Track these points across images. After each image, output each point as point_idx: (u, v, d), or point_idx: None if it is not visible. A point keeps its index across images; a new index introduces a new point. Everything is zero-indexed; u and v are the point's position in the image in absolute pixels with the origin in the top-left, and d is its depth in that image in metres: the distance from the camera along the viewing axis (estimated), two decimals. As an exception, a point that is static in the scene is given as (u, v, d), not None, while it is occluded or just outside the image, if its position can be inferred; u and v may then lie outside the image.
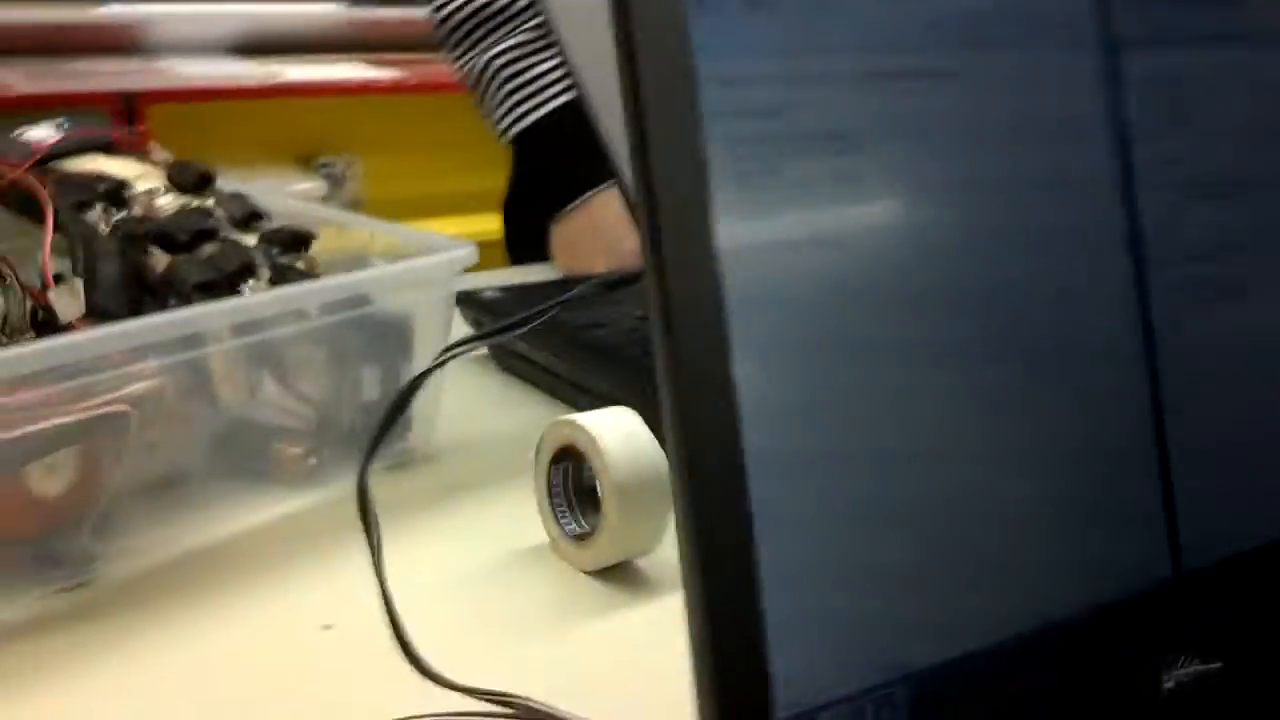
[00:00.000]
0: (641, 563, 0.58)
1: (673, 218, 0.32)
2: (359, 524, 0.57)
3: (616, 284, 0.44)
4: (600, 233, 0.96)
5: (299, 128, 2.46)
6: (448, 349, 0.43)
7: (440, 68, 1.05)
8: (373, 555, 0.46)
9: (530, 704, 0.44)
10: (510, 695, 0.45)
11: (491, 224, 1.27)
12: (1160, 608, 0.40)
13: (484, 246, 1.24)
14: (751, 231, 0.32)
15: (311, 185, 2.25)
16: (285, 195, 0.76)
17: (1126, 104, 0.40)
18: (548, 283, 0.90)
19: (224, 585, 0.57)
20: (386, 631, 0.50)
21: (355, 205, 2.38)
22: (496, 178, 1.27)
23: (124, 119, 1.93)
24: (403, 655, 0.49)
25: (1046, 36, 0.39)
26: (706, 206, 0.32)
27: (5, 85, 1.77)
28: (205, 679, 0.50)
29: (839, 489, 0.33)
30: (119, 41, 2.20)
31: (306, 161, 2.49)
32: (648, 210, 0.31)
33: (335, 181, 2.47)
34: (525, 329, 0.42)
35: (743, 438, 0.31)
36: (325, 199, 2.31)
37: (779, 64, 0.34)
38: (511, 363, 0.80)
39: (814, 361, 0.33)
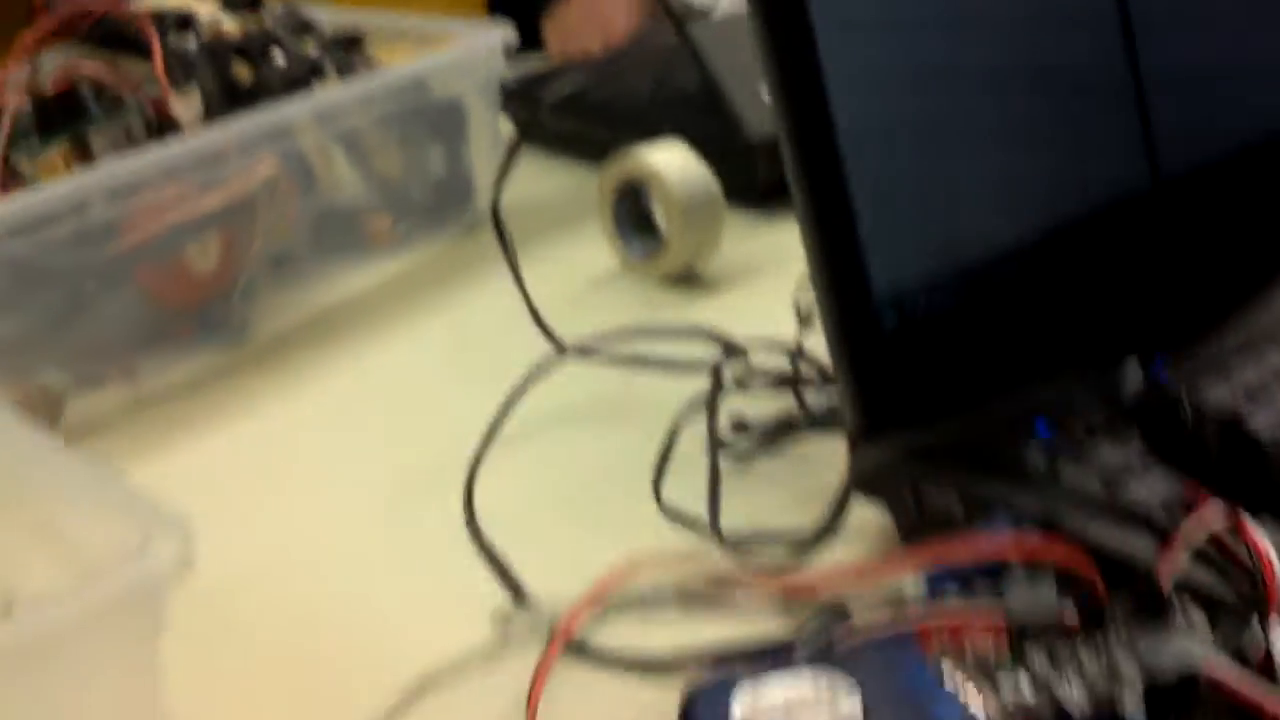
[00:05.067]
0: (702, 270, 0.69)
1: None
2: (450, 275, 0.69)
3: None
4: (595, 13, 1.05)
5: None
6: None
7: None
8: (510, 264, 0.57)
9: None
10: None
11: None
12: (1145, 207, 0.52)
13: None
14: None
15: None
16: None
17: None
18: (565, 65, 0.99)
19: (354, 335, 0.68)
20: (522, 318, 0.60)
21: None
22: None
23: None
24: (537, 327, 0.59)
25: None
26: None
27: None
28: (353, 405, 0.61)
29: (906, 111, 0.44)
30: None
31: None
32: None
33: None
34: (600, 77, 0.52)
35: (826, 81, 0.42)
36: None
37: None
38: (536, 136, 0.89)
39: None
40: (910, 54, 0.46)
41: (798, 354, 0.53)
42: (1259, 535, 0.28)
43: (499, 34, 0.76)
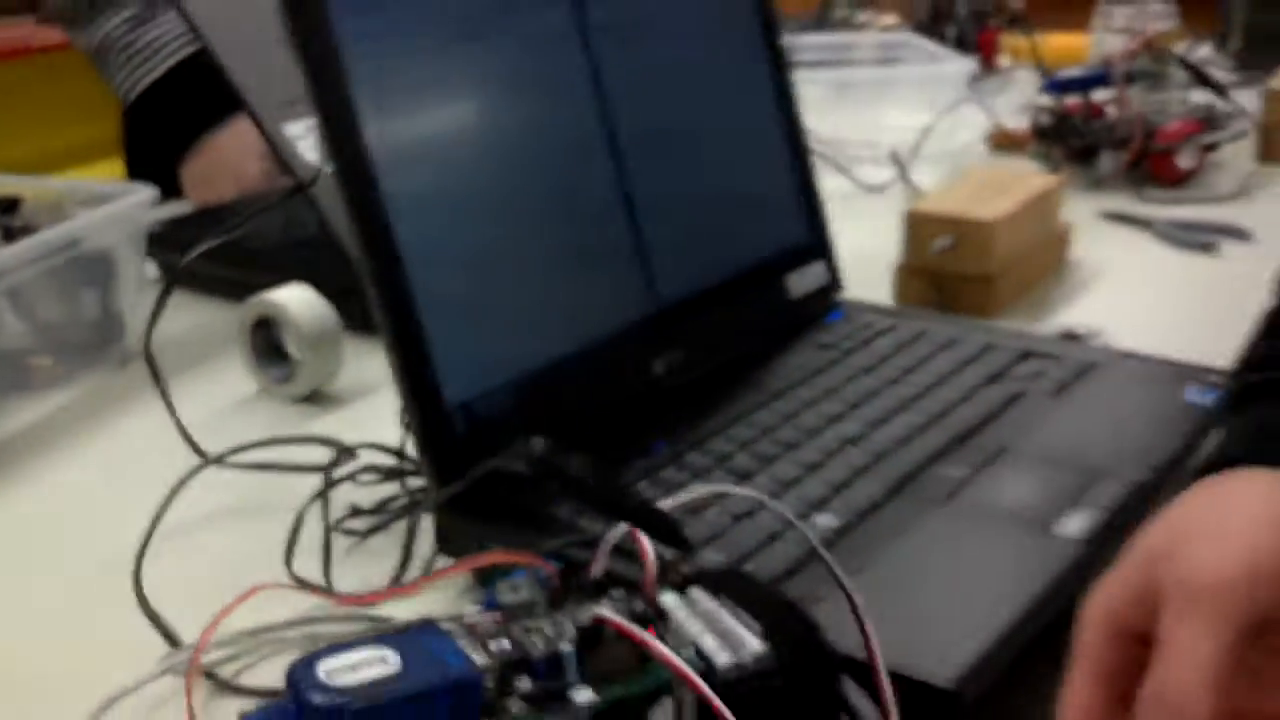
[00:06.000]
0: (329, 388, 0.84)
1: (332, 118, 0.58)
2: (111, 405, 0.80)
3: (294, 191, 0.69)
4: (226, 165, 1.18)
5: None
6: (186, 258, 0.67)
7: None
8: (163, 393, 0.70)
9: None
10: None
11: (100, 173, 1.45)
12: (649, 328, 0.70)
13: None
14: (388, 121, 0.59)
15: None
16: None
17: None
18: (202, 212, 1.12)
19: (30, 462, 0.78)
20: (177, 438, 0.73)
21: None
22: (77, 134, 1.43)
23: None
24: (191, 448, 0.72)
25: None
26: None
27: None
28: (34, 519, 0.72)
29: (461, 274, 0.60)
30: None
31: None
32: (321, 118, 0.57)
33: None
34: (240, 231, 0.67)
35: (398, 239, 0.58)
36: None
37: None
38: (182, 278, 1.02)
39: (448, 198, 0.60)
40: (463, 232, 0.62)
41: (401, 452, 0.68)
42: (644, 541, 0.45)
43: (143, 194, 0.89)
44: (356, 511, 0.65)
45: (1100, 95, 1.23)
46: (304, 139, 0.93)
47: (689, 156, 0.75)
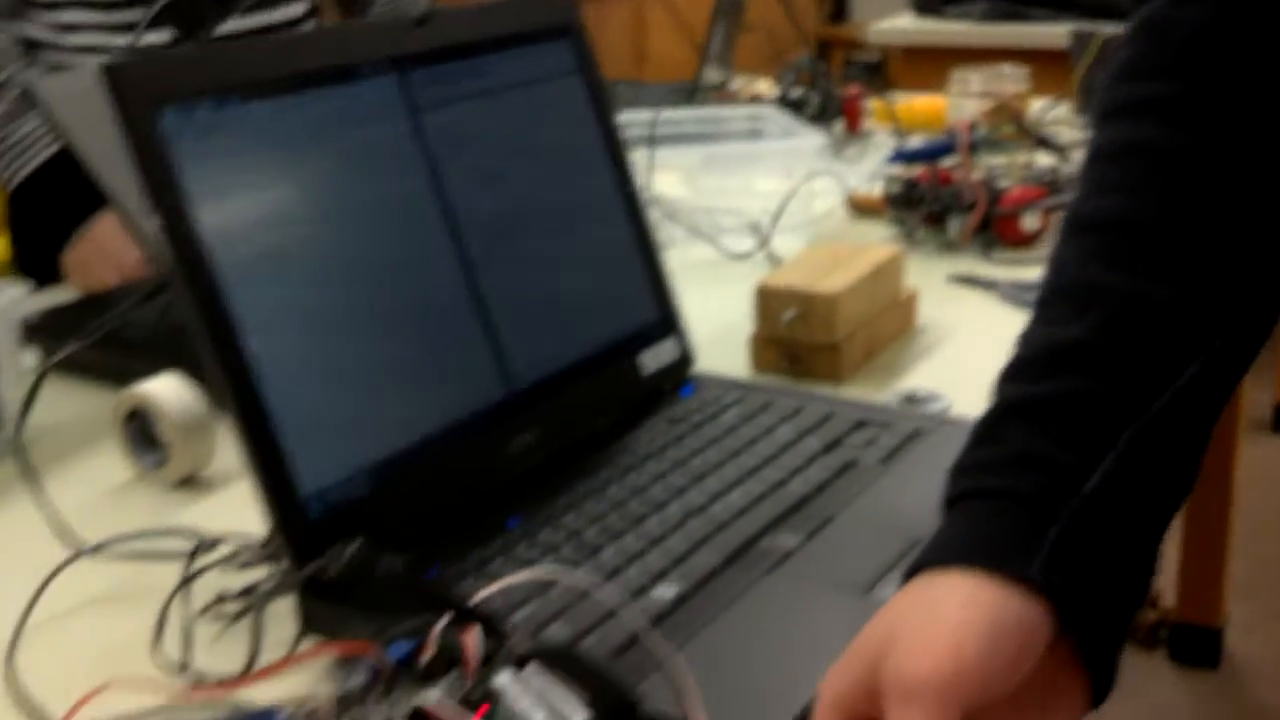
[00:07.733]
0: (204, 473, 0.86)
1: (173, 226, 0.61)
2: None
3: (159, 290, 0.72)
4: (106, 252, 1.20)
5: None
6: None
7: None
8: (36, 485, 0.72)
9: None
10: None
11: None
12: (503, 410, 0.74)
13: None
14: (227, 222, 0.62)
15: None
16: None
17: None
18: (84, 300, 1.14)
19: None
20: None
21: None
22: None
23: None
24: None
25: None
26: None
27: None
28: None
29: (311, 371, 0.64)
30: None
31: None
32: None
33: None
34: (116, 322, 0.69)
35: (246, 341, 0.61)
36: None
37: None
38: (63, 364, 1.04)
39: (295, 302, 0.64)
40: (312, 330, 0.66)
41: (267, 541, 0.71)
42: (468, 636, 0.49)
43: (12, 293, 0.91)
44: (222, 598, 0.68)
45: (950, 162, 1.30)
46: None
47: (535, 246, 0.79)
